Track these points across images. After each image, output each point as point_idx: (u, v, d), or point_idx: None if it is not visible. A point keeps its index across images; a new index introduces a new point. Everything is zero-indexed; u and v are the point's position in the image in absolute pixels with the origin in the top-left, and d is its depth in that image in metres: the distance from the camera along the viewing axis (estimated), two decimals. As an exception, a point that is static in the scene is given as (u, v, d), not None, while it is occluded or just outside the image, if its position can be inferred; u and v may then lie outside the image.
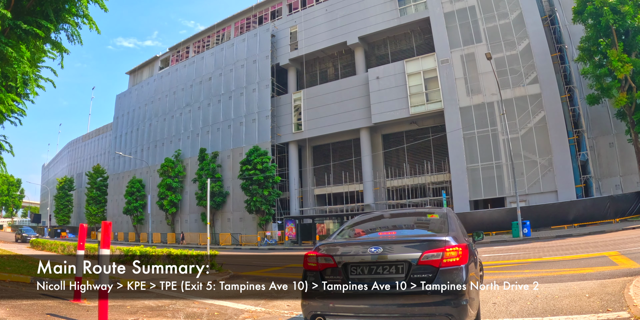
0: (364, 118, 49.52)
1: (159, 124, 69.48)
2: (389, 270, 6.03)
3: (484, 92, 43.04)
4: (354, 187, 50.76)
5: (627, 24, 32.30)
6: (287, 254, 35.73)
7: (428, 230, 7.27)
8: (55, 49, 17.72)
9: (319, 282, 6.44)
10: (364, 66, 52.57)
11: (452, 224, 6.84)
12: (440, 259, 5.86)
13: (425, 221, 7.64)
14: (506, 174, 40.67)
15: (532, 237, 31.65)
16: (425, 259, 5.90)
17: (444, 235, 6.31)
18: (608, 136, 39.51)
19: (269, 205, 51.49)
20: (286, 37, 57.50)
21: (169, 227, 63.64)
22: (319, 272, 6.51)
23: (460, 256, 5.94)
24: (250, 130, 55.97)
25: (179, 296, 12.91)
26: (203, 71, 64.22)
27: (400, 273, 5.97)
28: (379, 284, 5.99)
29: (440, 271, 5.81)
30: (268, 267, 25.54)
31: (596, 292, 9.33)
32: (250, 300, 12.21)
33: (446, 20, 46.17)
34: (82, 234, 11.27)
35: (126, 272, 20.54)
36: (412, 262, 5.92)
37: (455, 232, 6.57)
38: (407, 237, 6.71)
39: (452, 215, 7.47)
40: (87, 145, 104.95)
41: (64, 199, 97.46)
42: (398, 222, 8.22)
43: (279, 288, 14.77)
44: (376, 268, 6.10)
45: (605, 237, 25.28)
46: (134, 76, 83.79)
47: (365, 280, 6.12)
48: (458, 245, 6.03)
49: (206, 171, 56.78)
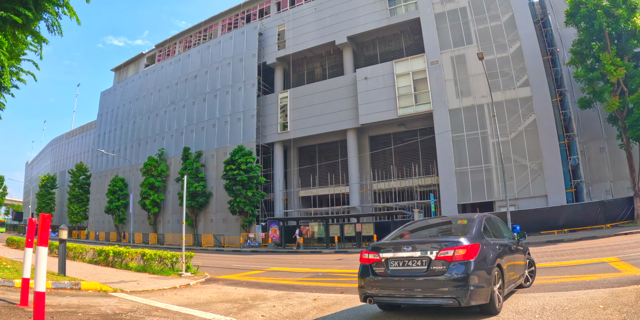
0: (351, 119, 48.46)
1: (143, 122, 68.02)
2: (416, 263, 7.91)
3: (474, 94, 42.20)
4: (340, 189, 49.56)
5: (620, 28, 31.66)
6: (269, 256, 34.74)
7: (451, 234, 9.44)
8: (35, 39, 16.81)
9: (369, 272, 8.39)
10: (352, 66, 51.56)
11: (473, 228, 8.68)
12: (451, 255, 7.60)
13: (454, 226, 9.84)
14: (495, 177, 39.84)
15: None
16: (441, 255, 7.68)
17: (459, 237, 8.01)
18: (599, 141, 38.84)
19: (252, 207, 50.15)
20: (274, 36, 56.34)
21: (151, 227, 62.13)
22: (369, 265, 8.45)
23: (468, 254, 7.61)
24: (235, 130, 54.66)
25: (143, 302, 11.67)
26: (189, 69, 62.88)
27: (423, 265, 7.81)
28: (409, 273, 7.93)
29: (451, 264, 7.55)
30: (248, 270, 24.46)
31: (610, 303, 8.21)
32: (222, 308, 11.03)
33: (437, 21, 45.42)
34: (31, 229, 9.89)
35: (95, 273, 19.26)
36: (432, 258, 7.74)
37: (472, 235, 8.34)
38: (431, 239, 8.61)
39: (480, 221, 9.16)
40: (71, 143, 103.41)
41: (46, 197, 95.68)
42: (433, 227, 10.44)
43: (255, 294, 13.65)
44: (407, 261, 8.00)
45: (598, 243, 24.54)
46: (120, 73, 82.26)
47: (400, 271, 8.06)
48: (467, 245, 7.72)
49: (189, 171, 55.36)
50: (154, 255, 20.98)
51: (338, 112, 49.33)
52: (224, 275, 21.41)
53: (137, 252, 22.01)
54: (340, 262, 26.69)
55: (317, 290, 14.06)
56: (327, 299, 11.98)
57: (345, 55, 52.62)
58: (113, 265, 22.48)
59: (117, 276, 18.04)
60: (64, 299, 11.03)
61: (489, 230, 9.21)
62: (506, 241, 9.69)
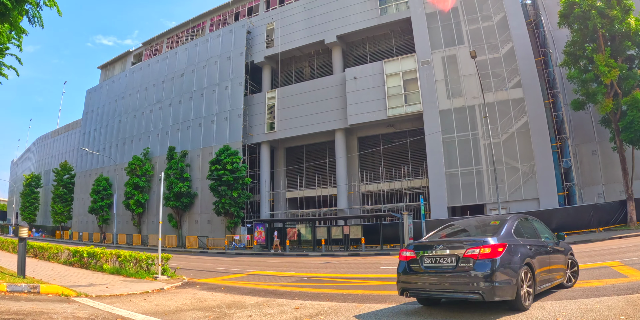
0: (339, 119, 47.44)
1: (129, 121, 66.58)
2: (446, 260, 8.43)
3: (465, 95, 41.39)
4: (328, 191, 48.46)
5: (614, 29, 30.98)
6: (254, 259, 33.78)
7: (481, 234, 9.82)
8: (13, 28, 16.08)
9: (405, 268, 9.06)
10: (341, 66, 50.61)
11: (502, 229, 9.03)
12: (477, 253, 8.06)
13: (487, 226, 10.12)
14: (486, 180, 39.02)
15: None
16: (467, 254, 8.16)
17: (486, 237, 8.47)
18: (591, 144, 38.18)
19: (238, 208, 48.94)
20: (262, 34, 55.25)
21: (135, 228, 60.73)
22: (406, 262, 9.12)
23: (493, 252, 8.03)
24: (221, 129, 53.45)
25: (105, 309, 10.56)
26: (175, 67, 61.60)
27: (452, 263, 8.32)
28: (439, 270, 8.47)
29: (477, 262, 7.99)
30: (230, 273, 23.29)
31: (630, 314, 7.28)
32: (192, 317, 10.12)
33: (428, 21, 44.64)
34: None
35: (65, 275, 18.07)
36: (460, 256, 8.25)
37: (500, 235, 8.72)
38: (460, 239, 9.14)
39: (512, 222, 9.57)
40: (56, 142, 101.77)
41: (30, 196, 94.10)
42: (467, 228, 10.73)
43: (232, 301, 12.57)
44: (438, 259, 8.55)
45: (594, 246, 23.85)
46: (106, 71, 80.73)
47: (432, 267, 8.63)
48: (492, 244, 8.14)
49: (174, 170, 54.12)
50: (129, 256, 19.89)
51: (326, 112, 48.31)
52: (203, 278, 20.38)
53: (111, 253, 20.92)
54: (326, 265, 25.68)
55: (300, 297, 13.19)
56: (311, 307, 10.95)
57: (334, 55, 51.65)
58: (87, 267, 21.43)
59: (88, 279, 16.95)
60: (16, 304, 9.90)
61: (522, 231, 9.65)
62: (541, 242, 10.09)
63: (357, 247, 38.36)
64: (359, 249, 37.09)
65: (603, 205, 34.01)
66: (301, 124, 49.54)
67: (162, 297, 13.50)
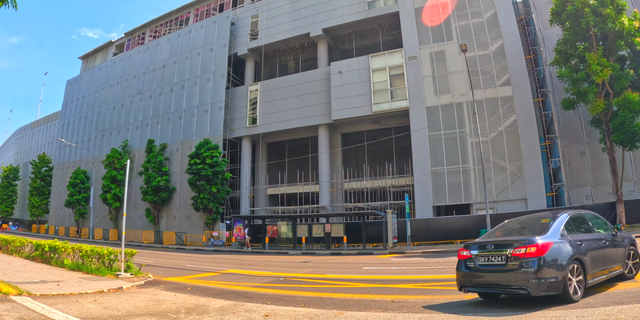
0: (323, 114, 45.97)
1: (108, 113, 64.50)
2: (497, 259, 9.08)
3: (452, 91, 40.23)
4: (310, 188, 46.96)
5: (607, 28, 29.88)
6: (231, 257, 32.65)
7: (530, 232, 9.89)
8: None
9: (462, 266, 9.75)
10: (327, 60, 49.09)
11: (550, 228, 9.44)
12: (524, 253, 8.65)
13: (536, 225, 10.36)
14: (473, 179, 37.87)
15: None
16: (515, 253, 8.77)
17: (533, 237, 8.98)
18: (580, 144, 37.12)
19: (217, 203, 47.37)
20: (246, 26, 53.56)
21: (112, 222, 58.81)
22: (463, 260, 9.78)
23: (538, 251, 8.55)
24: (201, 122, 51.77)
25: (41, 312, 9.23)
26: (157, 58, 59.72)
27: (502, 261, 8.97)
28: (491, 267, 9.15)
29: (523, 260, 8.61)
30: (202, 271, 21.93)
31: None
32: None
33: (416, 16, 43.43)
34: None
35: (19, 271, 16.61)
36: (508, 255, 8.88)
37: (547, 233, 9.14)
38: (509, 239, 9.44)
39: (562, 219, 9.85)
40: (36, 133, 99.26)
41: (8, 188, 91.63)
42: (520, 226, 10.97)
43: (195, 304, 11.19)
44: (490, 257, 9.21)
45: None
46: (87, 61, 78.47)
47: (485, 265, 9.30)
48: (537, 244, 8.67)
49: (153, 164, 52.38)
50: (91, 251, 18.57)
51: (310, 106, 46.82)
52: (172, 277, 19.05)
53: (73, 248, 19.56)
54: (306, 265, 24.39)
55: (273, 301, 12.06)
56: (284, 315, 9.59)
57: (319, 49, 50.15)
58: (49, 262, 20.27)
59: (43, 275, 15.63)
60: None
61: (573, 227, 9.94)
62: (595, 236, 10.26)
63: (339, 245, 37.02)
64: (340, 248, 35.75)
65: (592, 207, 32.95)
66: (284, 119, 48.00)
67: (117, 298, 12.18)
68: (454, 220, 36.38)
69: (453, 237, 34.83)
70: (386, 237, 34.69)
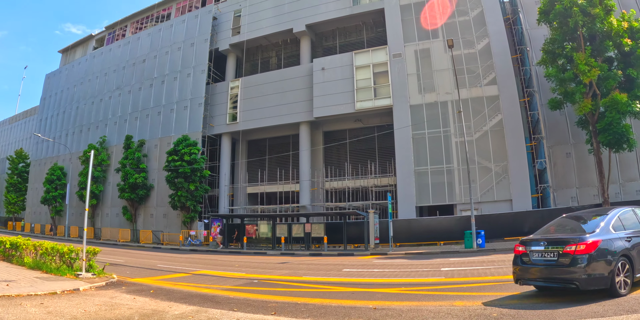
0: (305, 112, 44.76)
1: (87, 108, 62.58)
2: (549, 255, 9.70)
3: (437, 90, 39.35)
4: (290, 187, 45.57)
5: (595, 28, 29.44)
6: (207, 257, 31.61)
7: (580, 230, 10.58)
8: None
9: (518, 261, 10.34)
10: (310, 57, 47.88)
11: (600, 225, 9.97)
12: (574, 250, 9.17)
13: (587, 222, 10.98)
14: (457, 179, 36.94)
15: (488, 249, 27.73)
16: (566, 250, 9.34)
17: (583, 234, 9.61)
18: (565, 146, 36.28)
19: (195, 202, 45.95)
20: (229, 21, 52.16)
21: (89, 220, 57.14)
22: (519, 255, 10.38)
23: (587, 248, 9.06)
24: (180, 119, 50.23)
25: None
26: (138, 52, 58.01)
27: (554, 257, 9.58)
28: (544, 262, 9.77)
29: (573, 257, 9.14)
30: (173, 272, 20.74)
31: None
32: None
33: (402, 13, 42.62)
34: None
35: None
36: (560, 251, 9.47)
37: (597, 231, 9.65)
38: (560, 236, 10.06)
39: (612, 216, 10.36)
40: (14, 128, 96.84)
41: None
42: (571, 223, 11.46)
43: (153, 310, 10.09)
44: (543, 254, 9.84)
45: None
46: (67, 55, 76.42)
47: (538, 260, 9.92)
48: (586, 242, 9.16)
49: (130, 160, 50.79)
50: (51, 249, 17.47)
51: (292, 104, 45.54)
52: (139, 277, 17.90)
53: (34, 245, 18.31)
54: (283, 266, 23.26)
55: (241, 307, 11.10)
56: (249, 324, 8.47)
57: (302, 45, 48.91)
58: (10, 260, 19.23)
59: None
60: None
61: (623, 224, 10.25)
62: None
63: (319, 246, 35.89)
64: (321, 249, 34.63)
65: (578, 209, 32.14)
66: (265, 116, 46.64)
67: (67, 302, 11.05)
68: (437, 221, 35.38)
69: (436, 238, 33.91)
70: (368, 237, 33.56)
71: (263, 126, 47.42)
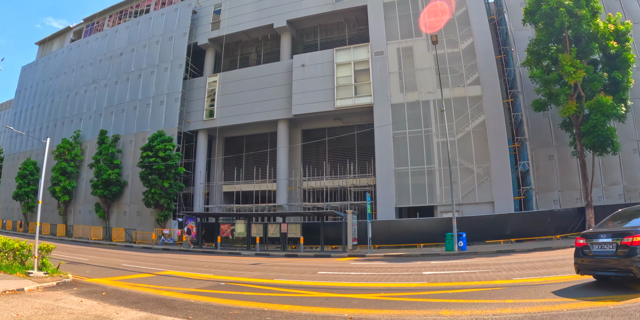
0: (283, 109, 43.41)
1: (62, 101, 60.57)
2: (608, 247, 10.26)
3: (419, 89, 38.33)
4: (267, 186, 44.06)
5: (582, 29, 28.81)
6: (178, 256, 30.08)
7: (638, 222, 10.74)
8: None
9: (580, 253, 10.99)
10: (290, 53, 46.57)
11: None
12: (631, 241, 9.75)
13: None
14: (438, 180, 35.90)
15: (470, 252, 26.73)
16: (624, 241, 9.91)
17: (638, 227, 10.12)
18: (548, 148, 35.50)
19: (169, 199, 44.34)
20: (209, 15, 50.58)
21: (61, 217, 55.15)
22: (580, 248, 10.98)
23: None
24: (156, 114, 48.50)
25: None
26: (115, 45, 56.13)
27: (612, 249, 10.16)
28: (604, 254, 10.34)
29: (630, 248, 9.72)
30: (137, 272, 19.43)
31: None
32: None
33: (385, 11, 41.66)
34: None
35: None
36: (618, 243, 10.04)
37: None
38: (618, 229, 10.53)
39: None
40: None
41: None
42: (630, 216, 11.48)
43: (96, 315, 8.93)
44: (603, 246, 10.38)
45: (558, 255, 21.30)
46: (44, 47, 74.15)
47: (598, 252, 10.48)
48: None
49: (104, 156, 48.98)
50: (2, 245, 16.12)
51: (270, 100, 44.14)
52: (97, 277, 16.65)
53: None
54: (255, 267, 21.96)
55: (198, 314, 9.82)
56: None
57: (283, 41, 47.53)
58: None
59: None
60: None
61: None
62: None
63: (295, 247, 34.61)
64: (297, 250, 33.36)
65: (560, 212, 31.63)
66: (243, 112, 45.15)
67: (5, 304, 10.02)
68: (417, 223, 34.19)
69: (417, 241, 32.79)
70: (346, 239, 32.23)
71: (241, 123, 45.90)
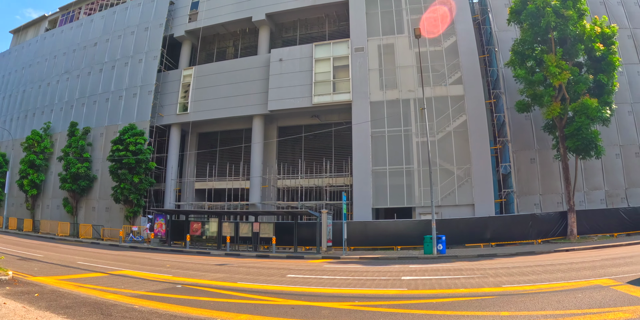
0: (259, 104, 41.78)
1: (33, 91, 58.07)
2: None
3: (400, 87, 37.07)
4: (240, 183, 42.22)
5: (568, 30, 28.17)
6: (142, 255, 28.45)
7: None
8: None
9: None
10: (268, 48, 44.99)
11: None
12: None
13: None
14: (417, 181, 34.60)
15: (450, 255, 25.39)
16: None
17: None
18: (530, 151, 34.46)
19: (139, 195, 42.41)
20: (186, 7, 48.67)
21: (29, 212, 52.88)
22: None
23: None
24: (129, 106, 46.42)
25: None
26: (90, 35, 53.88)
27: None
28: None
29: None
30: (90, 271, 17.96)
31: None
32: None
33: (367, 6, 40.45)
34: None
35: None
36: None
37: None
38: None
39: None
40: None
41: None
42: None
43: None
44: None
45: (544, 259, 20.42)
46: (18, 36, 71.40)
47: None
48: None
49: (74, 149, 46.78)
50: None
51: (246, 95, 42.46)
52: (42, 276, 15.28)
53: None
54: (220, 269, 20.42)
55: None
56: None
57: (261, 35, 45.85)
58: None
59: None
60: None
61: None
62: None
63: (268, 247, 33.06)
64: (269, 250, 31.83)
65: (542, 216, 30.59)
66: (217, 107, 43.44)
67: None
68: (395, 225, 32.85)
69: (394, 243, 31.42)
70: (320, 240, 30.63)
71: (215, 118, 44.14)
